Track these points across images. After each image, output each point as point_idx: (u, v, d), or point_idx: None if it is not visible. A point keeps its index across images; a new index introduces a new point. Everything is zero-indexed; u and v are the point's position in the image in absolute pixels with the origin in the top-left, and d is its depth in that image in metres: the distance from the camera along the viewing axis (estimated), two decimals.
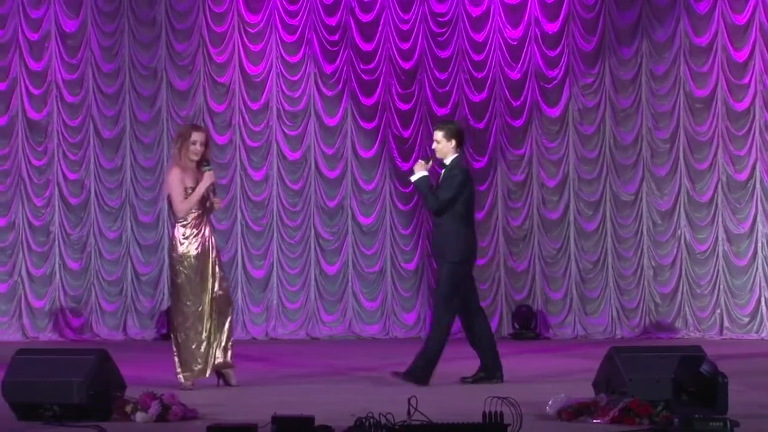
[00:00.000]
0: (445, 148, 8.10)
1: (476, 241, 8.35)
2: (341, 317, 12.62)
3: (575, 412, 6.23)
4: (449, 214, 8.02)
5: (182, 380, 7.78)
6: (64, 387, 6.26)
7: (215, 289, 7.83)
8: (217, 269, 7.87)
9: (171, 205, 7.96)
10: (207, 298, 7.80)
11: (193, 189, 7.80)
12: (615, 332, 12.40)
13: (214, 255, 7.88)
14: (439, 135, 8.12)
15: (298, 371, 9.04)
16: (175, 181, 7.80)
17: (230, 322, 7.93)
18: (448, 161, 8.13)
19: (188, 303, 7.77)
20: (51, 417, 6.21)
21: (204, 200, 7.90)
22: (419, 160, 8.27)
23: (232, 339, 7.95)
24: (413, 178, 8.14)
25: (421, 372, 7.94)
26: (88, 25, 12.62)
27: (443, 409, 6.27)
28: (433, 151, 8.26)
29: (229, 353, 7.89)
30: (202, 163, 7.89)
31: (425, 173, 8.09)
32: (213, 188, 7.97)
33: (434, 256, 8.51)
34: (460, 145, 8.15)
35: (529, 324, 12.44)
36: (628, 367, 6.43)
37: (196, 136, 7.85)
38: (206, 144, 7.92)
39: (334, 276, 12.67)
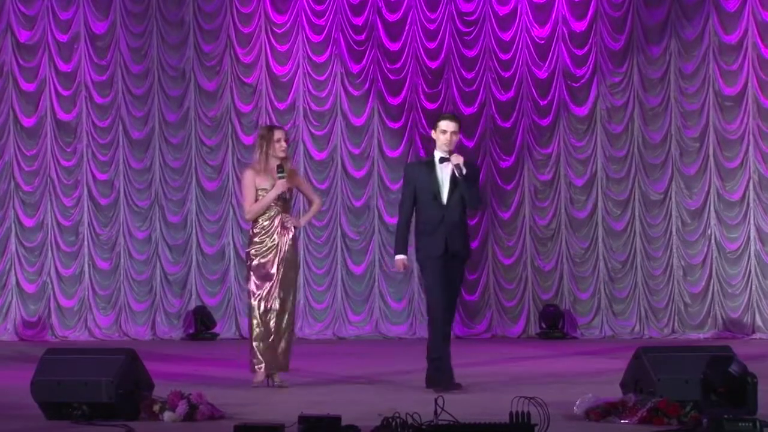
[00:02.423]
0: (458, 140, 7.88)
1: None
2: (368, 317, 12.63)
3: (603, 412, 6.20)
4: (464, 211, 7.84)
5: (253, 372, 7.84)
6: (93, 386, 6.29)
7: (278, 293, 7.81)
8: (284, 273, 7.81)
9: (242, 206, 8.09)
10: (272, 298, 7.80)
11: (267, 191, 7.78)
12: (643, 332, 12.32)
13: (283, 257, 7.82)
14: (457, 126, 7.82)
15: (324, 371, 9.04)
16: (247, 182, 7.84)
17: (291, 325, 7.88)
18: (454, 155, 7.77)
19: (253, 302, 7.84)
20: (80, 416, 6.24)
21: (285, 204, 7.86)
22: (456, 154, 7.77)
23: (288, 342, 7.88)
24: (466, 172, 7.66)
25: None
26: (117, 27, 12.69)
27: (470, 409, 6.25)
28: (453, 144, 7.81)
29: (288, 356, 7.88)
30: (281, 166, 7.77)
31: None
32: (288, 194, 7.87)
33: (458, 254, 7.75)
34: None
35: (556, 324, 12.39)
36: (656, 367, 6.39)
37: (279, 134, 7.87)
38: (288, 142, 7.94)
39: (360, 276, 12.68)
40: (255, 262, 7.84)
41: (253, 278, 7.84)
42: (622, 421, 6.10)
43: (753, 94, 12.37)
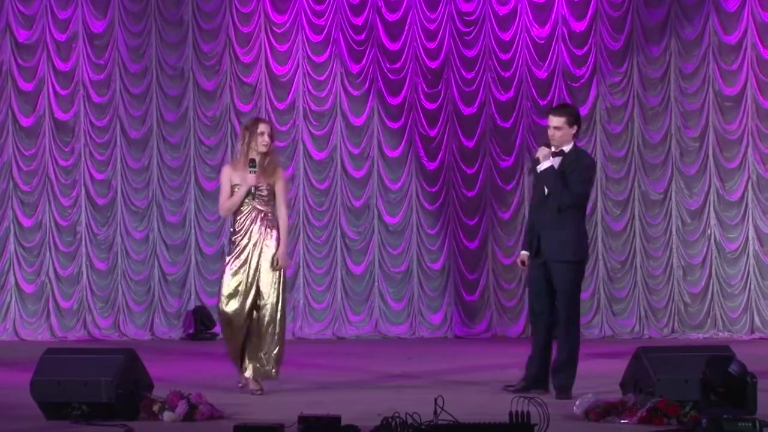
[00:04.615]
0: (566, 134, 7.31)
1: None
2: (367, 317, 12.62)
3: (603, 412, 6.20)
4: (575, 210, 7.32)
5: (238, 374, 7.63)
6: (93, 386, 6.28)
7: (260, 294, 7.55)
8: (264, 273, 7.53)
9: None
10: (248, 301, 7.53)
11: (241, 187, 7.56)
12: (643, 332, 12.32)
13: (260, 256, 7.54)
14: (560, 121, 7.34)
15: (324, 371, 9.04)
16: (222, 179, 7.67)
17: (274, 328, 7.52)
18: (567, 149, 7.36)
19: (224, 302, 7.56)
20: (79, 416, 6.24)
21: (263, 200, 7.59)
22: (543, 148, 7.37)
23: (278, 347, 7.55)
24: (541, 168, 7.33)
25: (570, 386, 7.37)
26: (115, 26, 12.68)
27: (469, 409, 6.24)
28: (548, 139, 7.42)
29: (272, 363, 7.51)
30: (254, 160, 7.54)
31: (552, 163, 7.31)
32: (266, 190, 7.57)
33: (548, 256, 7.38)
34: (578, 133, 7.46)
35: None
36: (655, 367, 6.39)
37: (263, 127, 7.63)
38: (271, 137, 7.67)
39: (360, 276, 12.67)
40: (233, 263, 7.55)
41: (228, 281, 7.54)
42: (621, 421, 6.10)
43: (752, 94, 12.37)
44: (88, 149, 12.68)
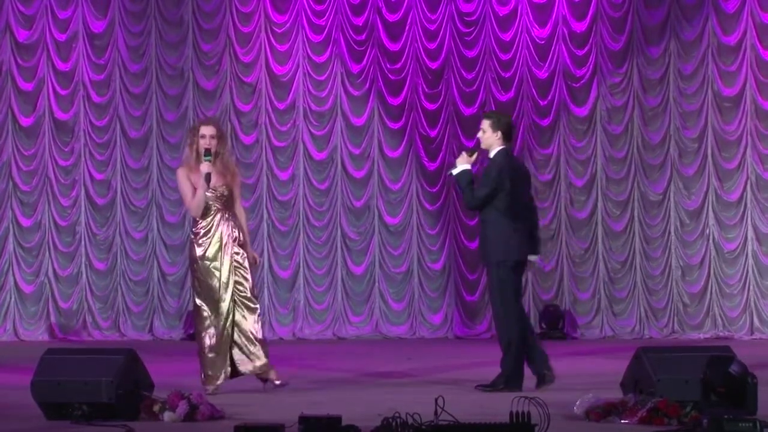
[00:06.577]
0: (490, 138, 7.56)
1: (521, 240, 7.61)
2: (368, 317, 12.62)
3: (603, 412, 6.19)
4: (491, 212, 7.51)
5: (202, 385, 7.56)
6: (93, 386, 6.28)
7: (235, 293, 7.50)
8: (235, 272, 7.49)
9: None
10: (223, 303, 7.49)
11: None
12: (643, 333, 12.33)
13: (230, 256, 7.49)
14: (485, 124, 7.62)
15: (325, 371, 9.03)
16: (182, 179, 7.55)
17: (254, 324, 7.54)
18: (492, 154, 7.60)
19: (202, 306, 7.54)
20: (80, 416, 6.23)
21: (225, 201, 7.54)
22: (463, 153, 7.71)
23: (262, 340, 7.56)
24: (454, 172, 7.60)
25: (506, 379, 7.60)
26: (115, 26, 12.68)
27: (470, 409, 6.24)
28: (478, 141, 7.78)
29: (261, 357, 7.52)
30: (208, 151, 7.44)
31: (467, 167, 7.55)
32: (226, 190, 7.54)
33: (481, 258, 7.97)
34: (507, 139, 7.58)
35: (556, 324, 12.39)
36: (656, 367, 6.39)
37: (204, 130, 7.53)
38: (219, 138, 7.57)
39: (360, 276, 12.67)
40: (202, 266, 7.50)
41: (201, 284, 7.51)
42: (622, 422, 6.10)
43: (751, 95, 12.38)
44: (88, 149, 12.68)
